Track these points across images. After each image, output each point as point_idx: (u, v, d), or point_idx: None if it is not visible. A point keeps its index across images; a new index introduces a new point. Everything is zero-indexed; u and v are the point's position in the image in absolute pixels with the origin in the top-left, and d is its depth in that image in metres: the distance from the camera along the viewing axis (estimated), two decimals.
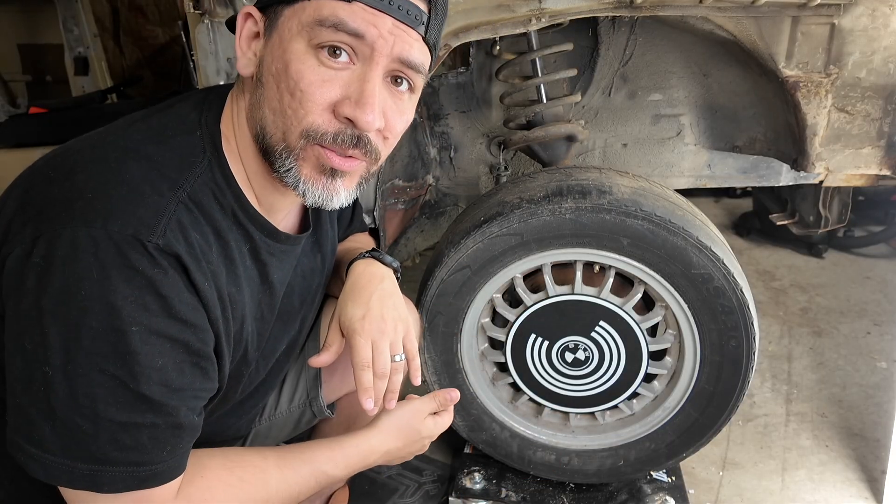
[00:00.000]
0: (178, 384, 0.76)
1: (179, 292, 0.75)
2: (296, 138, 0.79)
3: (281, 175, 0.82)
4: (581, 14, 1.28)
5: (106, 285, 0.70)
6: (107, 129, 0.84)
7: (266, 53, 0.79)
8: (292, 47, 0.76)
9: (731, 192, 3.64)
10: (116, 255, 0.70)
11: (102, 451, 0.73)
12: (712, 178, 1.81)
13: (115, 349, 0.71)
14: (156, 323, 0.73)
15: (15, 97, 4.11)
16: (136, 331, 0.71)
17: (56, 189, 0.74)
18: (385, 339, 0.98)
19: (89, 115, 3.30)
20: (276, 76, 0.78)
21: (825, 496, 1.55)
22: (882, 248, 2.93)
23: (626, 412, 1.44)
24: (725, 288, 1.24)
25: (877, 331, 2.29)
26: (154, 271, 0.72)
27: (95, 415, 0.71)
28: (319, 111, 0.78)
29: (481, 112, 1.83)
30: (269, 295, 0.95)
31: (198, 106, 0.86)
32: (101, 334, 0.70)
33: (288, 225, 0.99)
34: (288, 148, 0.80)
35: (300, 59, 0.76)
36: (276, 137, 0.80)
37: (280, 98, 0.78)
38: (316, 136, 0.79)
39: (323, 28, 0.75)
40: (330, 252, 1.11)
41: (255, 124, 0.82)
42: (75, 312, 0.70)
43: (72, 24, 3.79)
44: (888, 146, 1.37)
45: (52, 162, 0.79)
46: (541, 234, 1.28)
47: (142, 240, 0.71)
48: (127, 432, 0.73)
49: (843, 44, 1.29)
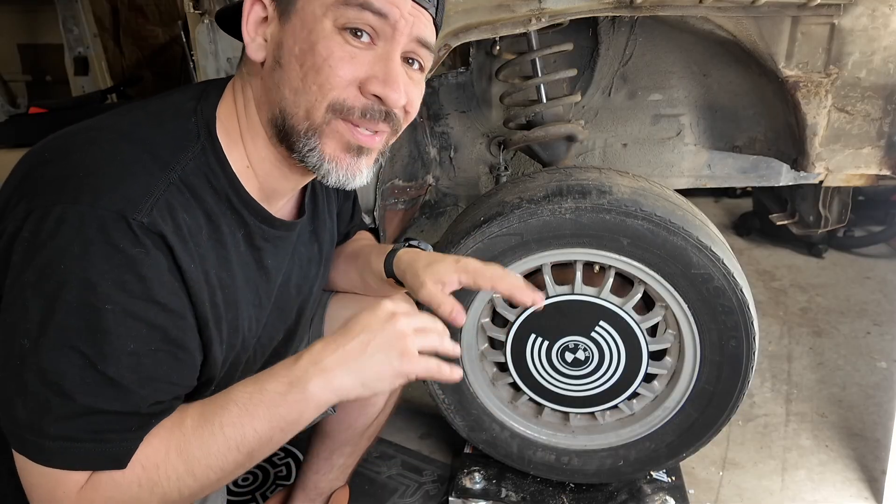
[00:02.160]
0: (150, 373, 0.74)
1: (160, 274, 0.74)
2: (321, 114, 0.80)
3: (303, 156, 0.82)
4: (581, 14, 1.28)
5: (85, 260, 0.70)
6: (105, 115, 0.85)
7: (285, 36, 0.80)
8: (318, 27, 0.78)
9: (731, 192, 3.64)
10: (98, 231, 0.70)
11: (67, 430, 0.71)
12: (712, 178, 1.81)
13: (88, 326, 0.70)
14: (133, 304, 0.72)
15: (15, 97, 4.11)
16: (110, 309, 0.71)
17: (51, 168, 0.75)
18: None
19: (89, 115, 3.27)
20: (300, 56, 0.79)
21: (825, 496, 1.55)
22: (882, 248, 2.93)
23: (626, 412, 1.44)
24: (725, 288, 1.24)
25: (877, 331, 2.29)
26: (135, 250, 0.71)
27: (62, 391, 0.70)
28: (345, 85, 0.79)
29: (481, 112, 1.83)
30: (265, 281, 0.95)
31: (196, 94, 0.87)
32: (76, 309, 0.70)
33: (286, 212, 0.99)
34: (312, 126, 0.81)
35: (327, 37, 0.78)
36: (297, 117, 0.81)
37: (304, 77, 0.79)
38: (343, 109, 0.80)
39: (349, 8, 0.77)
40: (328, 242, 1.11)
41: (272, 107, 0.83)
42: (53, 286, 0.70)
43: (72, 24, 3.79)
44: (888, 146, 1.37)
45: (50, 144, 0.80)
46: (541, 233, 1.28)
47: (126, 217, 0.71)
48: (91, 414, 0.72)
49: (843, 44, 1.29)
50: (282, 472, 1.66)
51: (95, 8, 3.98)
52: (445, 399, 1.46)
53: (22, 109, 3.72)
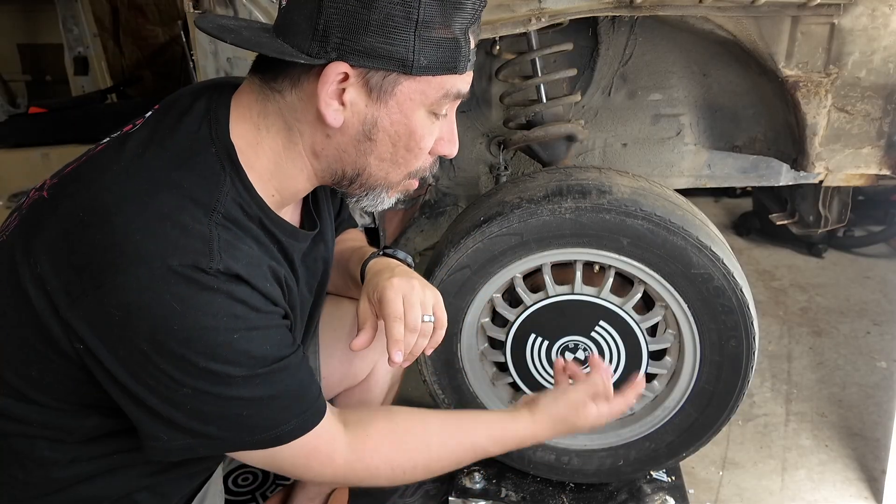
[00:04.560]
0: (287, 351, 0.85)
1: (251, 293, 0.81)
2: (400, 178, 0.91)
3: (358, 198, 0.93)
4: (581, 14, 1.28)
5: (193, 313, 0.75)
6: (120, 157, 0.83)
7: (381, 116, 0.84)
8: (416, 115, 0.85)
9: (731, 192, 3.64)
10: (188, 284, 0.74)
11: (267, 419, 0.83)
12: (712, 178, 1.81)
13: (232, 359, 0.78)
14: (250, 322, 0.80)
15: (15, 97, 4.10)
16: (237, 338, 0.78)
17: (96, 234, 0.76)
18: (415, 295, 0.99)
19: (89, 114, 3.29)
20: (395, 137, 0.86)
21: (825, 496, 1.55)
22: (882, 248, 2.93)
23: (626, 412, 1.43)
24: (725, 288, 1.24)
25: (877, 330, 2.29)
26: (226, 286, 0.77)
27: (248, 403, 0.81)
28: (427, 156, 0.91)
29: (481, 112, 1.83)
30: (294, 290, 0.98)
31: (202, 115, 0.86)
32: (213, 354, 0.77)
33: (291, 218, 1.00)
34: (387, 185, 0.91)
35: (423, 125, 0.86)
36: (376, 178, 0.90)
37: (394, 152, 0.87)
38: (418, 174, 0.92)
39: (448, 99, 0.85)
40: (330, 240, 1.13)
41: (345, 166, 0.89)
42: (178, 347, 0.75)
43: (71, 23, 3.78)
44: (888, 146, 1.37)
45: (81, 203, 0.79)
46: (541, 233, 1.28)
47: (202, 268, 0.75)
48: (275, 401, 0.83)
49: (842, 44, 1.29)
50: None
51: (95, 8, 3.98)
52: (445, 399, 1.46)
53: (22, 109, 3.71)
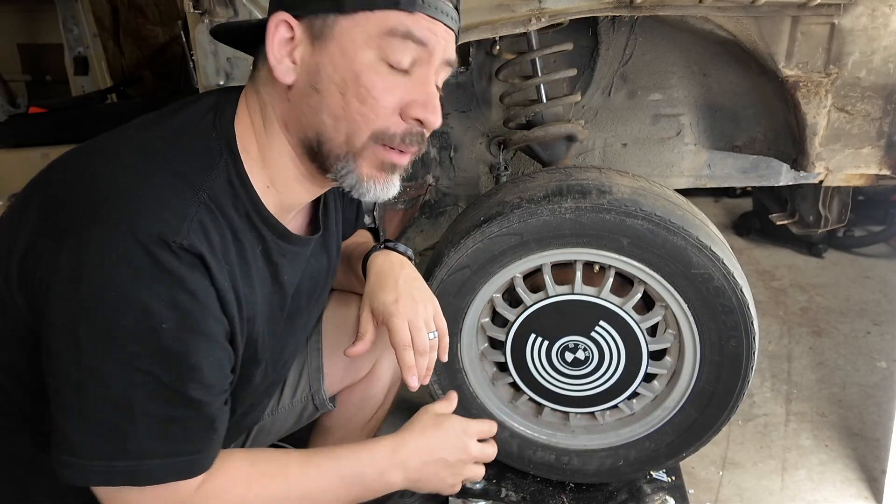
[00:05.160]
0: (210, 379, 0.79)
1: (206, 288, 0.77)
2: (363, 141, 0.83)
3: (340, 177, 0.86)
4: (581, 14, 1.28)
5: (136, 285, 0.72)
6: (122, 133, 0.85)
7: (322, 62, 0.81)
8: (359, 57, 0.79)
9: (731, 192, 3.64)
10: (145, 255, 0.72)
11: (141, 446, 0.75)
12: (712, 178, 1.81)
13: (149, 347, 0.73)
14: (186, 319, 0.75)
15: (15, 97, 4.10)
16: (167, 328, 0.73)
17: (76, 195, 0.76)
18: (420, 318, 1.02)
19: (89, 115, 3.29)
20: (342, 84, 0.80)
21: (825, 496, 1.55)
22: (882, 248, 2.93)
23: (626, 412, 1.44)
24: (725, 288, 1.24)
25: (877, 330, 2.29)
26: (181, 269, 0.74)
27: (132, 411, 0.74)
28: (389, 114, 0.82)
29: (481, 112, 1.83)
30: (279, 295, 0.96)
31: (210, 109, 0.87)
32: (135, 333, 0.72)
33: (297, 225, 1.00)
34: (351, 151, 0.84)
35: (372, 69, 0.80)
36: (336, 142, 0.83)
37: (346, 105, 0.81)
38: (385, 137, 0.83)
39: (394, 38, 0.79)
40: (335, 251, 1.13)
41: (306, 130, 0.84)
42: (107, 313, 0.72)
43: (72, 23, 3.78)
44: (888, 146, 1.37)
45: (72, 166, 0.81)
46: (541, 233, 1.28)
47: (167, 240, 0.73)
48: (163, 425, 0.76)
49: (842, 44, 1.29)
50: None
51: (95, 8, 3.97)
52: None
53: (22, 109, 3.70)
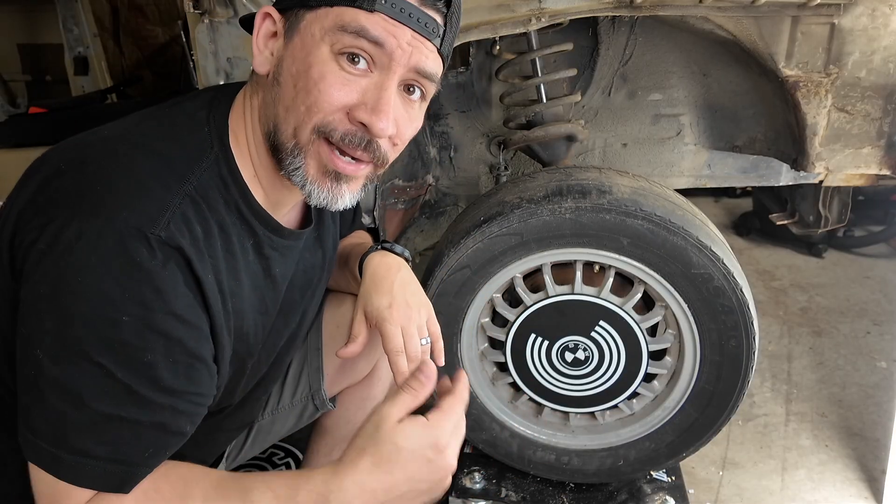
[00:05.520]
0: (167, 383, 0.75)
1: (177, 287, 0.75)
2: (307, 134, 0.81)
3: (289, 173, 0.83)
4: (581, 14, 1.28)
5: (103, 274, 0.70)
6: (117, 124, 0.85)
7: (286, 55, 0.81)
8: (315, 51, 0.78)
9: (731, 192, 3.64)
10: (117, 245, 0.71)
11: (84, 443, 0.72)
12: (712, 178, 1.81)
13: (107, 338, 0.71)
14: (150, 316, 0.72)
15: (15, 97, 4.10)
16: (127, 321, 0.71)
17: (67, 180, 0.76)
18: (413, 324, 1.01)
19: (89, 115, 3.29)
20: (295, 76, 0.79)
21: (825, 496, 1.55)
22: (882, 248, 2.93)
23: (626, 412, 1.44)
24: (725, 288, 1.24)
25: (877, 331, 2.29)
26: (152, 263, 0.72)
27: (81, 402, 0.71)
28: (333, 110, 0.79)
29: (481, 112, 1.83)
30: (271, 289, 0.96)
31: (207, 103, 0.88)
32: (94, 322, 0.70)
33: (291, 219, 1.00)
34: (298, 145, 0.82)
35: (323, 62, 0.78)
36: (286, 134, 0.82)
37: (296, 96, 0.79)
38: (325, 130, 0.80)
39: (345, 34, 0.77)
40: (331, 247, 1.13)
41: (268, 121, 0.84)
42: (70, 298, 0.70)
43: (72, 23, 3.78)
44: (888, 146, 1.37)
45: (65, 154, 0.81)
46: (541, 233, 1.28)
47: (145, 231, 0.72)
48: (109, 424, 0.72)
49: (843, 44, 1.29)
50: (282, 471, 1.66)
51: (95, 8, 3.97)
52: None
53: (22, 109, 3.71)
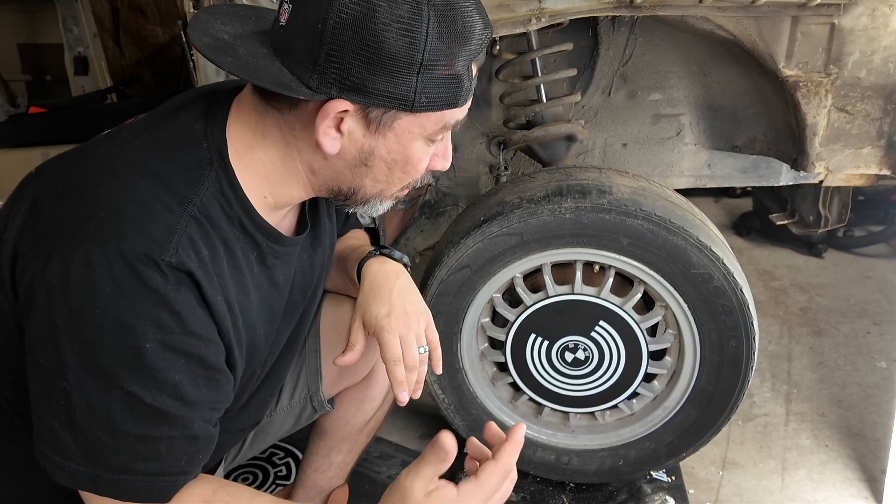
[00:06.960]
0: (193, 398, 0.79)
1: (192, 308, 0.77)
2: (395, 191, 0.91)
3: (357, 208, 0.93)
4: (581, 14, 1.28)
5: (120, 303, 0.72)
6: (112, 140, 0.84)
7: (378, 146, 0.83)
8: (413, 144, 0.85)
9: (731, 192, 3.63)
10: (130, 273, 0.72)
11: (122, 462, 0.76)
12: (712, 178, 1.81)
13: (131, 366, 0.73)
14: (170, 339, 0.75)
15: (15, 97, 4.10)
16: (150, 347, 0.74)
17: (67, 206, 0.76)
18: (411, 333, 1.02)
19: (89, 114, 3.29)
20: (391, 163, 0.86)
21: (825, 496, 1.55)
22: (882, 248, 2.93)
23: (626, 412, 1.44)
24: (725, 288, 1.24)
25: (877, 331, 2.29)
26: (167, 288, 0.74)
27: (113, 427, 0.75)
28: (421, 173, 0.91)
29: (481, 112, 1.83)
30: (277, 296, 0.97)
31: (202, 113, 0.86)
32: (116, 351, 0.73)
33: (288, 223, 1.00)
34: (381, 198, 0.91)
35: (421, 150, 0.86)
36: (370, 194, 0.90)
37: (390, 174, 0.87)
38: (412, 185, 0.91)
39: (446, 130, 0.86)
40: (329, 246, 1.13)
41: (341, 184, 0.88)
42: (90, 330, 0.72)
43: (72, 23, 3.78)
44: (888, 146, 1.37)
45: (60, 174, 0.80)
46: (541, 233, 1.28)
47: (155, 258, 0.73)
48: (144, 444, 0.77)
49: (843, 44, 1.29)
50: (281, 471, 1.66)
51: (95, 8, 3.98)
52: (445, 399, 1.46)
53: (22, 109, 3.71)
